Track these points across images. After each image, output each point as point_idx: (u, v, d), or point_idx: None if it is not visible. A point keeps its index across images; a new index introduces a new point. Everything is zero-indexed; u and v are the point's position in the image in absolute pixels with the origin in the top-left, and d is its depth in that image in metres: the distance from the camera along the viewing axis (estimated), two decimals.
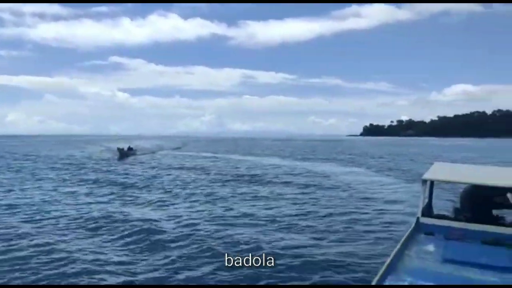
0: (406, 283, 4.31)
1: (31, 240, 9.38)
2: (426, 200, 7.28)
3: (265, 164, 35.21)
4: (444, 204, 11.39)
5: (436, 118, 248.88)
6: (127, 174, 25.00)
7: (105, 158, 40.86)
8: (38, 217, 12.06)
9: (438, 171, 7.63)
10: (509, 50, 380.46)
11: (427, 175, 6.98)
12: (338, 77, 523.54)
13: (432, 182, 7.57)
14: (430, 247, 5.69)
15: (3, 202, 14.62)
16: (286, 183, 20.75)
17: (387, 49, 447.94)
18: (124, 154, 42.76)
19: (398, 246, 5.33)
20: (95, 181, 21.02)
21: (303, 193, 17.27)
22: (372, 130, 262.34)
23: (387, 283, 4.28)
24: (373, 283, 4.08)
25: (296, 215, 12.62)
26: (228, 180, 22.07)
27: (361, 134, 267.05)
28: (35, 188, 18.65)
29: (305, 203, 14.94)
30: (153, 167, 30.43)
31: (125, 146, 46.96)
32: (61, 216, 12.19)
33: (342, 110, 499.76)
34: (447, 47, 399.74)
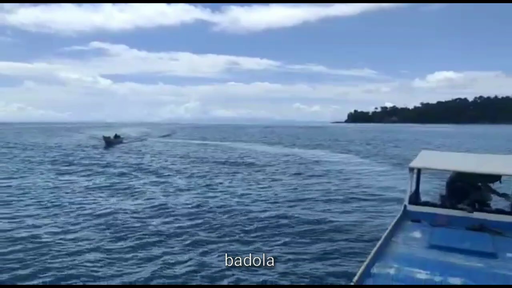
0: (393, 270, 4.41)
1: (33, 233, 9.50)
2: (413, 188, 7.44)
3: (256, 150, 35.56)
4: (432, 190, 11.82)
5: (420, 105, 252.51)
6: (120, 163, 24.84)
7: (91, 146, 39.82)
8: (39, 210, 11.97)
9: (425, 159, 7.80)
10: (490, 37, 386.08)
11: (414, 163, 7.13)
12: (322, 64, 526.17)
13: (419, 170, 7.74)
14: (417, 234, 5.85)
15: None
16: (279, 171, 21.06)
17: (370, 36, 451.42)
18: (111, 142, 41.58)
19: (386, 233, 5.48)
20: (89, 171, 20.93)
21: (295, 181, 17.61)
22: (356, 117, 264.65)
23: (375, 269, 4.41)
24: (362, 269, 4.18)
25: (289, 201, 13.00)
26: (223, 168, 22.21)
27: (346, 121, 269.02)
28: (31, 178, 18.50)
29: (296, 189, 15.33)
30: (145, 155, 30.37)
31: (111, 134, 45.98)
32: (55, 206, 12.31)
33: (326, 97, 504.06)
34: (430, 34, 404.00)
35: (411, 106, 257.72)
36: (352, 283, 3.88)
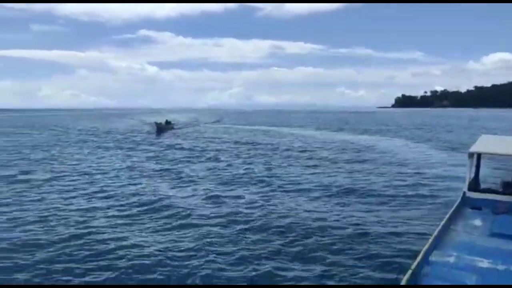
0: (452, 258, 4.23)
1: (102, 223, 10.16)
2: (473, 174, 7.09)
3: (304, 135, 36.06)
4: (491, 176, 11.52)
5: (473, 88, 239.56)
6: (178, 148, 26.31)
7: (146, 132, 41.32)
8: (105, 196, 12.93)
9: (485, 144, 7.44)
10: None
11: (474, 148, 6.80)
12: (368, 47, 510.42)
13: (479, 155, 7.35)
14: (477, 222, 5.59)
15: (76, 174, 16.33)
16: (332, 157, 21.41)
17: (419, 16, 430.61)
18: (163, 128, 42.15)
19: (444, 220, 5.28)
20: (151, 153, 22.81)
21: (348, 166, 18.09)
22: (404, 101, 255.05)
23: (433, 258, 4.23)
24: (420, 256, 4.04)
25: (348, 185, 13.44)
26: (275, 154, 22.85)
27: (393, 106, 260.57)
28: (104, 160, 20.43)
29: (351, 173, 15.84)
30: (198, 140, 31.68)
31: (160, 119, 46.95)
32: (133, 185, 13.70)
33: (372, 81, 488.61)
34: (484, 14, 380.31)
35: (463, 90, 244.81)
36: (410, 271, 3.78)
